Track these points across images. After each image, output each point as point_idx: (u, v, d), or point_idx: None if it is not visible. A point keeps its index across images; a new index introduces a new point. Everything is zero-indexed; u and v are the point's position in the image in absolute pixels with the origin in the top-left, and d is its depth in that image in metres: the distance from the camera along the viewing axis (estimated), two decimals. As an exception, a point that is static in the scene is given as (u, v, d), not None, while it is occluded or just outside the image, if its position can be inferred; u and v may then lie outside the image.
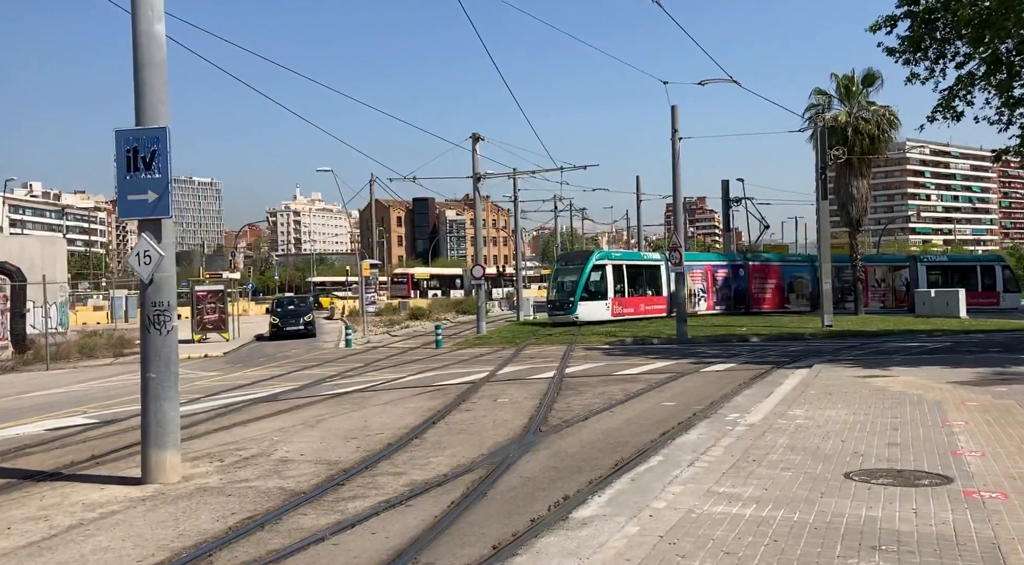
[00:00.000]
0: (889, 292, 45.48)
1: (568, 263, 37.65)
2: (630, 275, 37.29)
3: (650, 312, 37.58)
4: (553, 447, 10.02)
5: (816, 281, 42.31)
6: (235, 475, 8.99)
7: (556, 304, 36.00)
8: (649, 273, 38.61)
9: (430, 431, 11.39)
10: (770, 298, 42.11)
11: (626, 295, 36.61)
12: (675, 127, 29.04)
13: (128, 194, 8.61)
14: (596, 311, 34.93)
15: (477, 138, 32.31)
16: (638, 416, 12.22)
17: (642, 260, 39.47)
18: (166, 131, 8.54)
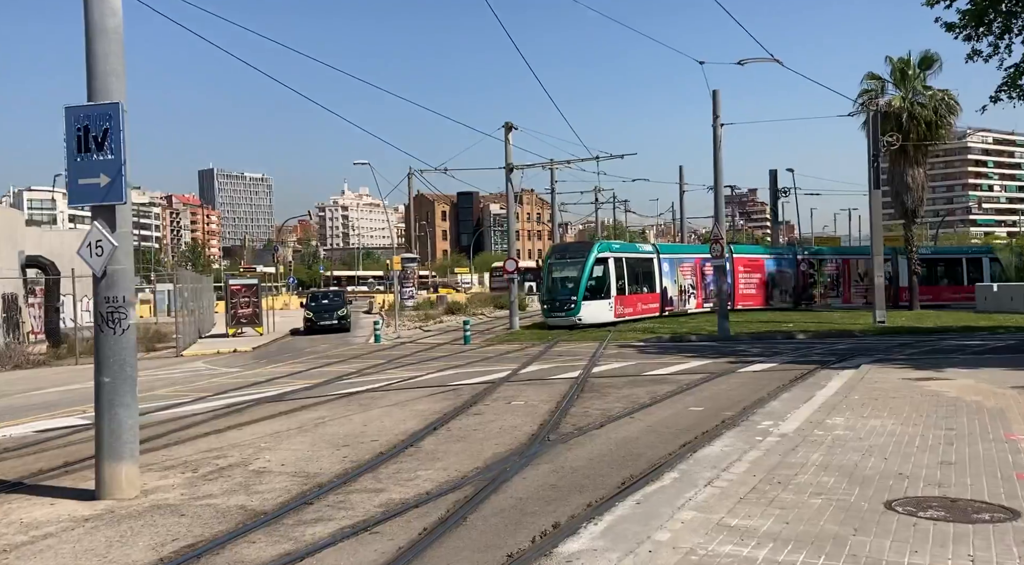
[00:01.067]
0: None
1: (565, 256, 32.48)
2: (630, 270, 32.95)
3: (646, 311, 33.56)
4: (557, 460, 8.98)
5: (799, 275, 40.73)
6: (200, 490, 8.13)
7: (554, 304, 31.20)
8: (644, 268, 34.25)
9: (429, 438, 10.43)
10: (755, 294, 39.16)
11: (626, 293, 32.27)
12: (716, 112, 27.67)
13: (79, 178, 7.78)
14: (599, 312, 30.67)
15: (510, 127, 31.28)
16: (660, 423, 11.10)
17: (638, 252, 35.07)
18: (119, 107, 7.68)
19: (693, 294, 36.62)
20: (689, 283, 36.39)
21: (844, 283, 41.93)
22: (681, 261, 36.04)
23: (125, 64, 7.92)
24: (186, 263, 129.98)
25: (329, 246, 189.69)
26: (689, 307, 36.17)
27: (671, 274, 35.17)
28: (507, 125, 31.34)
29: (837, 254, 44.01)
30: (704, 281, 36.77)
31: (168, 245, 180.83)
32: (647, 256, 34.64)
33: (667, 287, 34.78)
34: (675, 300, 35.30)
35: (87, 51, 7.78)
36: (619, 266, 31.83)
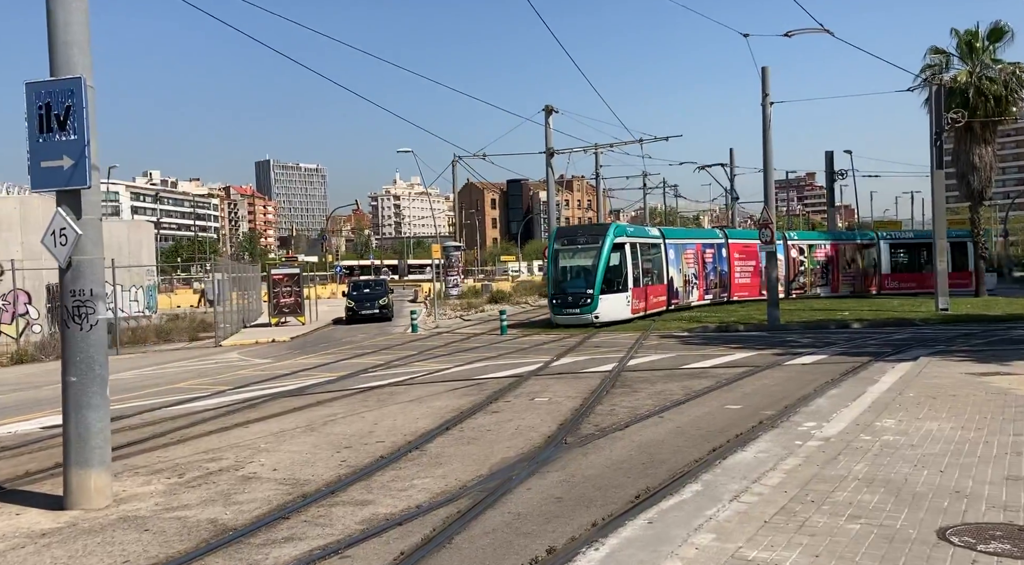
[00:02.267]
0: (859, 275, 40.18)
1: (576, 242, 27.68)
2: (644, 258, 28.81)
3: (656, 305, 29.43)
4: (570, 467, 8.13)
5: (789, 262, 37.26)
6: (178, 498, 7.49)
7: (565, 299, 26.55)
8: (654, 255, 30.12)
9: (437, 440, 9.67)
10: (750, 283, 35.72)
11: (641, 284, 28.11)
12: (765, 90, 26.32)
13: (41, 160, 7.16)
14: (617, 307, 26.49)
15: (550, 111, 30.33)
16: (691, 423, 10.17)
17: (648, 237, 30.30)
18: (81, 82, 7.03)
19: (695, 285, 32.63)
20: (692, 272, 32.42)
21: (834, 270, 39.10)
22: (685, 247, 32.14)
23: (90, 35, 7.27)
24: (243, 252, 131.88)
25: (381, 235, 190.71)
26: (692, 299, 32.46)
27: (676, 262, 31.33)
28: (547, 108, 30.41)
29: (828, 239, 40.78)
30: (705, 269, 33.31)
31: (226, 235, 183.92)
32: (655, 241, 30.49)
33: (673, 277, 31.02)
34: (680, 291, 31.57)
35: (48, 20, 7.14)
36: (635, 253, 27.78)
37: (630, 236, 28.01)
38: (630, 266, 27.06)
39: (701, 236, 34.53)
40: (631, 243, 27.59)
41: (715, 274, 33.86)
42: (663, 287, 30.31)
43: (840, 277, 39.48)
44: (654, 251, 29.98)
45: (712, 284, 33.58)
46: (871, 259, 40.30)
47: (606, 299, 26.14)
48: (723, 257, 34.21)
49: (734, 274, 34.96)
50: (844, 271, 39.82)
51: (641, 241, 28.87)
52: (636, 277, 27.56)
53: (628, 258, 27.03)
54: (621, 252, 26.89)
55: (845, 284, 39.49)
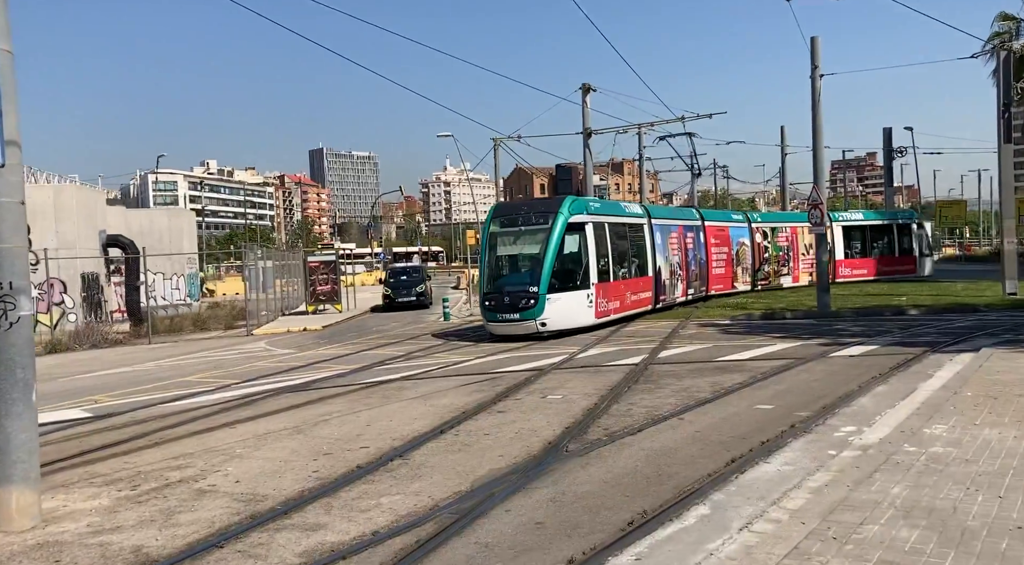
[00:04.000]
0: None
1: (518, 222, 20.40)
2: (615, 243, 21.92)
3: (636, 305, 22.99)
4: (563, 482, 7.10)
5: (755, 246, 32.17)
6: (115, 518, 6.66)
7: (500, 299, 19.51)
8: (634, 240, 23.60)
9: (427, 446, 8.72)
10: (724, 274, 30.15)
11: (611, 277, 21.40)
12: (815, 62, 24.71)
13: (-45, 138, 6.39)
14: (572, 310, 19.70)
15: (588, 89, 29.09)
16: (712, 427, 9.03)
17: (625, 216, 23.70)
18: (-9, 48, 6.19)
19: (680, 277, 26.49)
20: (677, 261, 26.30)
21: (793, 257, 34.09)
22: (670, 230, 26.00)
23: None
24: (296, 240, 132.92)
25: (432, 222, 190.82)
26: (677, 295, 26.20)
27: (664, 248, 25.08)
28: (584, 87, 29.17)
29: (788, 221, 35.52)
30: (687, 258, 27.06)
31: (280, 223, 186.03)
32: (636, 221, 23.88)
33: (661, 268, 24.69)
34: (667, 286, 25.26)
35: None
36: (601, 237, 20.97)
37: (595, 214, 21.25)
38: (594, 253, 20.38)
39: (681, 216, 28.10)
40: (596, 223, 20.83)
41: (696, 263, 27.77)
42: (647, 281, 23.75)
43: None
44: (635, 234, 23.66)
45: (694, 276, 27.52)
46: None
47: (556, 299, 19.25)
48: (701, 243, 28.46)
49: (711, 264, 29.16)
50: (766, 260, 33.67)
51: (613, 220, 22.11)
52: (604, 268, 20.96)
53: (591, 243, 20.33)
54: (580, 235, 20.19)
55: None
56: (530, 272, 19.76)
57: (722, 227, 30.19)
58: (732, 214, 33.33)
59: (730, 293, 29.83)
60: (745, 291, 30.78)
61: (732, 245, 30.05)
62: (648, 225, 24.49)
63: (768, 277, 32.64)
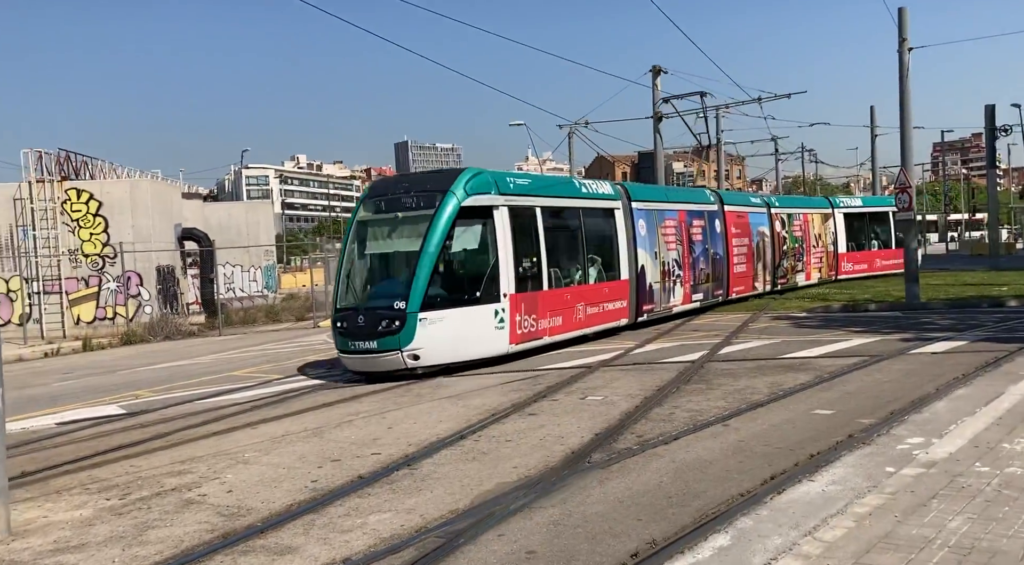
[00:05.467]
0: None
1: (393, 205, 14.08)
2: (555, 235, 15.88)
3: (596, 319, 16.84)
4: (574, 499, 6.32)
5: (775, 237, 26.53)
6: (85, 534, 6.21)
7: (354, 321, 13.36)
8: (594, 229, 17.48)
9: (442, 453, 8.05)
10: (746, 273, 24.66)
11: (546, 285, 15.14)
12: (903, 35, 22.98)
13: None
14: (466, 334, 13.61)
15: (658, 71, 27.89)
16: (759, 436, 8.08)
17: (575, 197, 17.21)
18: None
19: (679, 278, 20.27)
20: (674, 258, 20.10)
21: (807, 249, 28.72)
22: (662, 216, 19.78)
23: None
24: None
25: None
26: (674, 302, 20.02)
27: (650, 241, 19.05)
28: (655, 69, 27.98)
29: (802, 207, 29.82)
30: (692, 252, 20.96)
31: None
32: (599, 205, 17.73)
33: (645, 267, 18.67)
34: (655, 291, 19.10)
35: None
36: (525, 226, 14.80)
37: (516, 194, 14.70)
38: (509, 250, 14.06)
39: (686, 199, 22.03)
40: (517, 208, 14.53)
41: (707, 260, 21.75)
42: (619, 286, 17.74)
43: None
44: (597, 222, 17.60)
45: (703, 276, 21.47)
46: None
47: (437, 320, 13.00)
48: (717, 233, 22.51)
49: (732, 260, 23.23)
50: None
51: (549, 204, 15.68)
52: (531, 272, 14.76)
53: (504, 235, 14.03)
54: (486, 224, 13.96)
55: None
56: (398, 280, 13.56)
57: (742, 213, 24.45)
58: (751, 197, 27.71)
59: (750, 296, 24.42)
60: (764, 293, 25.38)
61: (752, 236, 24.72)
62: (625, 210, 18.22)
63: (786, 274, 27.29)
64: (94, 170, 30.45)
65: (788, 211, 27.58)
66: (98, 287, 27.86)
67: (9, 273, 27.40)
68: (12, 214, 27.51)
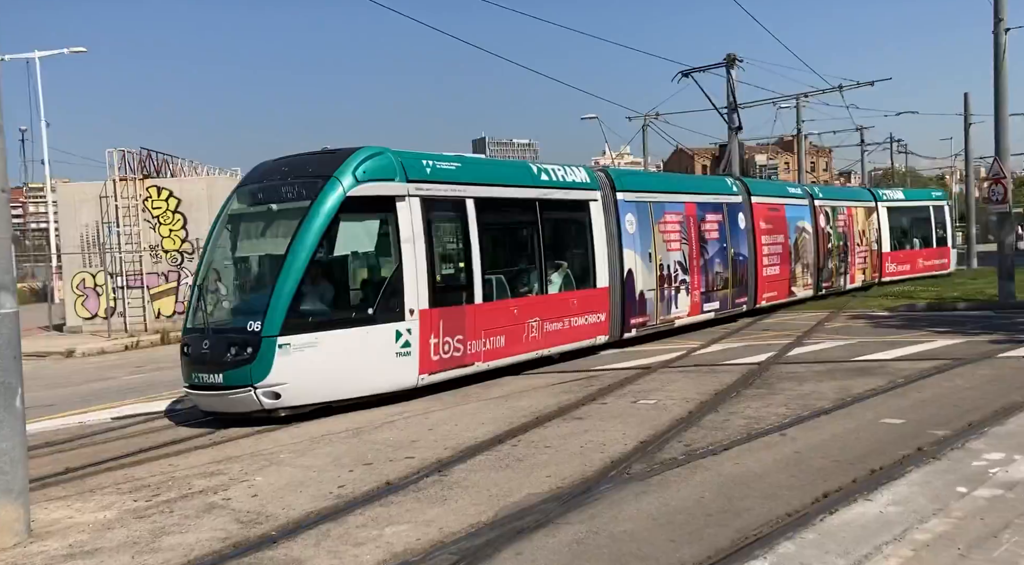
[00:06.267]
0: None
1: (268, 194, 10.88)
2: (497, 233, 13.10)
3: (560, 338, 13.59)
4: (605, 515, 5.87)
5: (819, 234, 23.02)
6: (98, 539, 6.05)
7: (199, 346, 10.25)
8: (559, 225, 14.31)
9: (477, 458, 7.70)
10: (779, 275, 20.92)
11: (478, 297, 11.99)
12: (999, 15, 21.55)
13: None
14: (352, 364, 10.36)
15: (732, 60, 26.91)
16: (819, 447, 7.47)
17: (528, 186, 13.51)
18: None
19: (684, 283, 16.85)
20: (677, 260, 16.69)
21: (851, 248, 25.13)
22: (660, 210, 16.33)
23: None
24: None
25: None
26: (678, 312, 16.66)
27: (641, 241, 15.60)
28: (729, 58, 27.00)
29: (846, 199, 26.18)
30: (704, 254, 17.53)
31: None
32: (568, 196, 14.15)
33: (633, 272, 15.31)
34: (649, 301, 15.76)
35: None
36: (446, 222, 12.14)
37: (425, 180, 11.39)
38: (420, 253, 11.02)
39: (696, 188, 18.35)
40: (433, 199, 11.47)
41: (724, 261, 18.27)
42: (595, 296, 14.29)
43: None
44: (562, 217, 14.27)
45: (719, 281, 18.03)
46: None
47: (307, 346, 10.01)
48: (741, 229, 19.07)
49: (761, 261, 19.78)
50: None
51: (488, 194, 12.40)
52: (454, 281, 12.01)
53: (411, 233, 10.98)
54: (385, 220, 11.00)
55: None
56: (258, 293, 10.71)
57: (776, 206, 20.93)
58: (789, 187, 23.77)
59: (787, 303, 21.13)
60: (806, 299, 22.11)
61: (790, 232, 21.21)
62: (606, 202, 14.71)
63: (831, 277, 23.76)
64: (174, 168, 31.18)
65: (833, 204, 24.31)
66: (177, 282, 28.52)
67: (96, 268, 28.29)
68: (99, 211, 28.38)
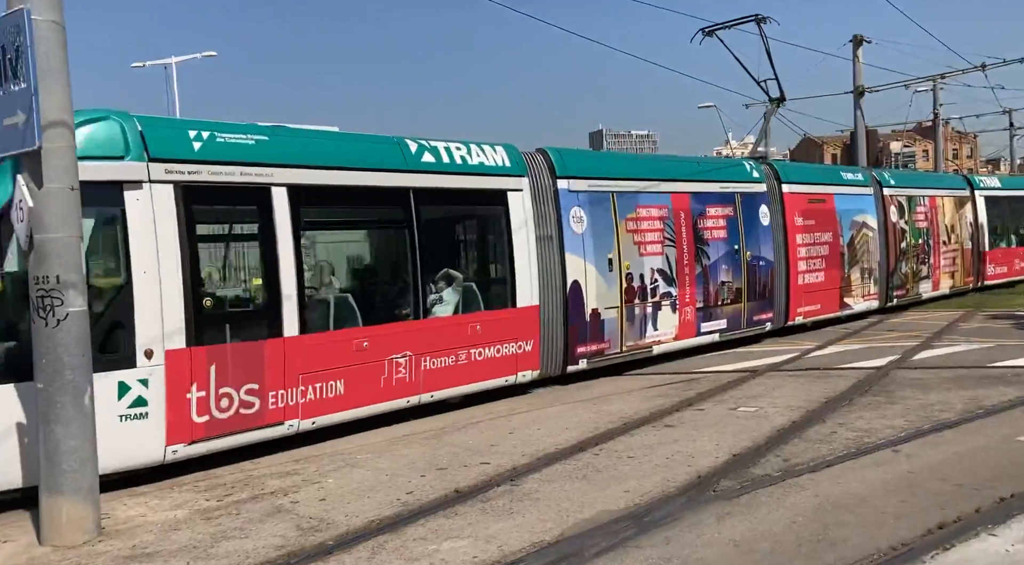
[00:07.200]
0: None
1: None
2: (324, 234, 9.70)
3: (452, 379, 9.80)
4: (681, 539, 5.32)
5: (889, 231, 18.31)
6: (162, 541, 5.94)
7: None
8: (445, 221, 10.87)
9: (554, 467, 7.25)
10: (823, 284, 16.32)
11: (305, 324, 8.39)
12: None
13: (5, 117, 5.97)
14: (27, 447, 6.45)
15: (859, 41, 25.29)
16: (938, 467, 6.64)
17: (392, 170, 9.39)
18: (24, 16, 5.66)
19: (669, 298, 12.76)
20: (657, 268, 12.65)
21: (934, 248, 20.12)
22: (632, 203, 12.37)
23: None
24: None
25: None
26: (659, 336, 12.67)
27: (596, 244, 11.70)
28: (856, 39, 25.40)
29: (927, 187, 20.76)
30: (703, 258, 13.50)
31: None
32: (467, 184, 10.30)
33: (582, 286, 11.44)
34: (608, 323, 11.84)
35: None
36: (239, 222, 8.84)
37: (195, 161, 7.79)
38: (172, 267, 7.48)
39: (691, 175, 13.81)
40: (197, 187, 7.75)
41: (734, 268, 14.09)
42: (517, 319, 10.58)
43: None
44: (455, 214, 11.05)
45: (726, 294, 13.87)
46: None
47: None
48: (764, 226, 14.78)
49: (795, 266, 15.38)
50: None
51: (311, 181, 8.62)
52: (249, 304, 8.75)
53: (159, 239, 7.42)
54: (113, 221, 7.44)
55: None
56: None
57: (820, 196, 16.39)
58: (842, 172, 18.63)
59: (839, 318, 16.74)
60: (868, 312, 17.74)
61: (842, 229, 16.78)
62: (537, 191, 10.92)
63: (905, 283, 19.01)
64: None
65: (909, 193, 19.46)
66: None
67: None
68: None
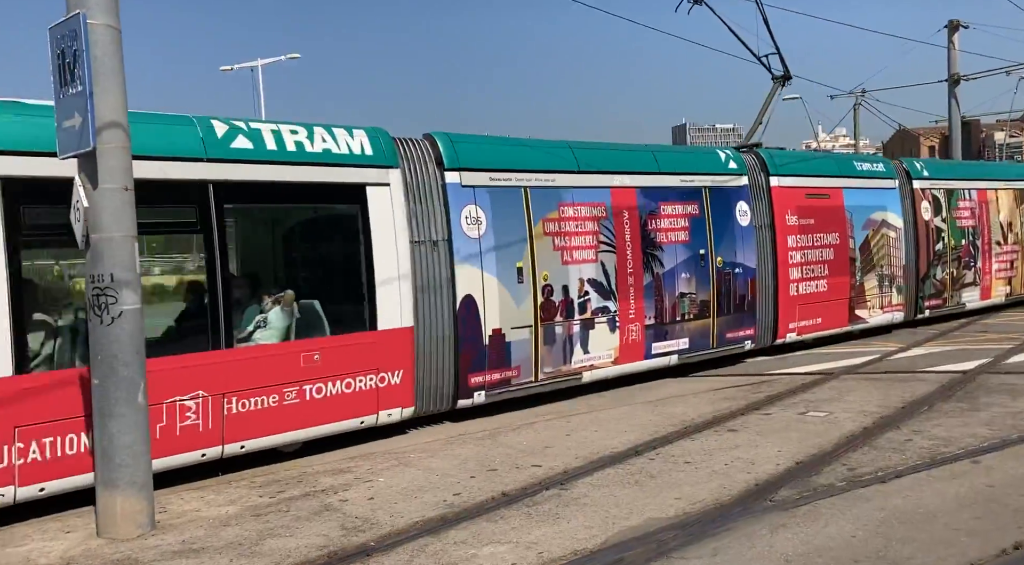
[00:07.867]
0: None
1: None
2: (39, 245, 7.13)
3: (260, 426, 7.61)
4: (732, 550, 5.08)
5: (924, 231, 15.54)
6: (211, 537, 5.97)
7: None
8: (264, 224, 9.37)
9: (605, 471, 7.05)
10: (827, 294, 13.64)
11: (18, 362, 6.34)
12: None
13: (63, 120, 6.11)
14: None
15: (955, 27, 24.07)
16: (1018, 481, 6.18)
17: (187, 158, 7.39)
18: (80, 20, 5.77)
19: (606, 314, 10.55)
20: (589, 278, 10.40)
21: (982, 251, 17.01)
22: (553, 199, 10.12)
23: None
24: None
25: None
26: (592, 359, 10.48)
27: (497, 252, 9.59)
28: (952, 24, 24.18)
29: (972, 178, 17.36)
30: (654, 266, 11.07)
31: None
32: (304, 179, 8.15)
33: (478, 302, 9.33)
34: (515, 346, 9.67)
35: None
36: None
37: None
38: None
39: (639, 166, 11.26)
40: None
41: (699, 276, 11.67)
42: (376, 345, 8.48)
43: None
44: (275, 215, 9.24)
45: (687, 307, 11.46)
46: None
47: None
48: (741, 227, 12.33)
49: (785, 273, 12.96)
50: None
51: (30, 173, 6.52)
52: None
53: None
54: None
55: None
56: None
57: (822, 190, 13.76)
58: (854, 160, 15.46)
59: (849, 332, 14.25)
60: (890, 326, 15.09)
61: (852, 228, 14.12)
62: (413, 187, 8.99)
63: (943, 291, 16.09)
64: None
65: (947, 185, 16.36)
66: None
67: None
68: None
